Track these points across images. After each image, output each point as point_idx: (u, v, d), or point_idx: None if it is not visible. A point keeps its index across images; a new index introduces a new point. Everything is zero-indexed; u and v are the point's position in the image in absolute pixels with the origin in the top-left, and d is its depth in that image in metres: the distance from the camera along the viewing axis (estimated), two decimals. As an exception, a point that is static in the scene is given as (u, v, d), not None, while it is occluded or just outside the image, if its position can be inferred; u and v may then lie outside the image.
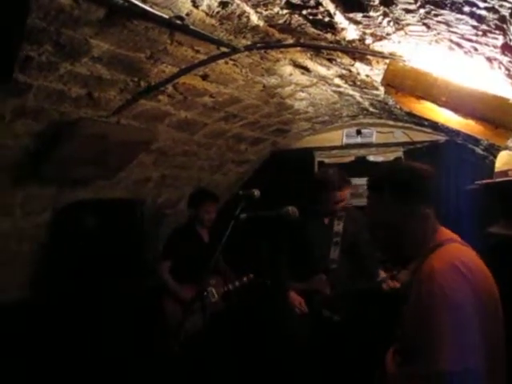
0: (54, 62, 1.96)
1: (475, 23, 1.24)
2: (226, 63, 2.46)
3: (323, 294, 3.19)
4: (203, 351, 3.33)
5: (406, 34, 1.64)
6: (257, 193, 2.42)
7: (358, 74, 2.59)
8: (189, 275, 3.49)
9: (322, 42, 2.08)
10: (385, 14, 1.51)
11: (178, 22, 1.81)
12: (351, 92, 3.25)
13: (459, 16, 1.24)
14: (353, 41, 1.95)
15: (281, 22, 1.88)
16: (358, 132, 4.78)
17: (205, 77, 2.59)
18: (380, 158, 4.76)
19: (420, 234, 1.52)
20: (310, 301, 3.22)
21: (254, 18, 1.87)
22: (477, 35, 1.33)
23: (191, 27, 1.89)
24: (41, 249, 3.08)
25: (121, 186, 3.50)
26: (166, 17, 1.77)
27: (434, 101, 1.89)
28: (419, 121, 3.98)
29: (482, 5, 1.11)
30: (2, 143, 2.32)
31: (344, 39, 1.95)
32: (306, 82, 3.00)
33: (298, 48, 2.26)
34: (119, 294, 3.12)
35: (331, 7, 1.60)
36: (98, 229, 3.09)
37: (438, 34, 1.50)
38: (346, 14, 1.63)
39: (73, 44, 1.87)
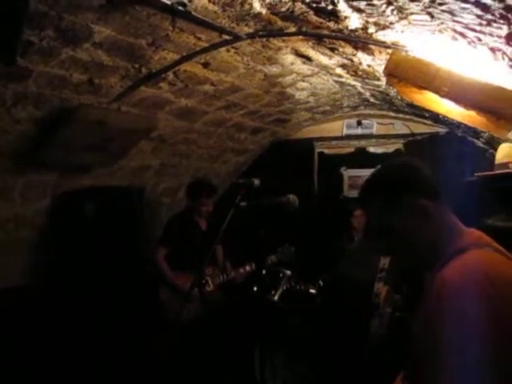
0: (55, 47, 1.95)
1: (480, 12, 1.23)
2: (228, 51, 2.44)
3: None
4: (201, 339, 3.35)
5: (410, 23, 1.63)
6: (257, 182, 2.40)
7: (360, 63, 2.58)
8: (185, 263, 3.49)
9: (325, 31, 2.07)
10: (389, 3, 1.50)
11: (181, 8, 1.80)
12: (352, 82, 3.24)
13: (464, 5, 1.24)
14: (355, 30, 1.94)
15: (283, 9, 1.87)
16: (359, 123, 4.76)
17: (206, 64, 2.58)
18: (380, 150, 4.76)
19: (427, 235, 1.24)
20: None
21: (257, 5, 1.86)
22: (481, 25, 1.33)
23: (193, 14, 1.87)
24: (40, 235, 3.09)
25: (120, 174, 3.49)
26: (168, 3, 1.76)
27: (436, 91, 1.89)
28: (420, 112, 3.98)
29: (487, -7, 1.11)
30: (2, 128, 2.31)
31: (347, 28, 1.94)
32: (308, 72, 2.98)
33: (300, 37, 2.24)
34: (118, 280, 3.14)
35: (335, -5, 1.60)
36: (98, 216, 3.09)
37: (442, 23, 1.49)
38: (350, 2, 1.62)
39: (74, 29, 1.86)
